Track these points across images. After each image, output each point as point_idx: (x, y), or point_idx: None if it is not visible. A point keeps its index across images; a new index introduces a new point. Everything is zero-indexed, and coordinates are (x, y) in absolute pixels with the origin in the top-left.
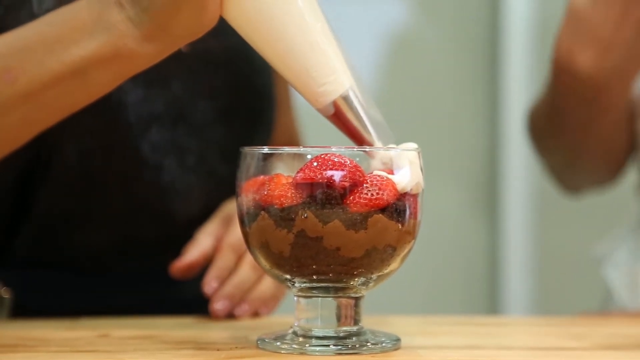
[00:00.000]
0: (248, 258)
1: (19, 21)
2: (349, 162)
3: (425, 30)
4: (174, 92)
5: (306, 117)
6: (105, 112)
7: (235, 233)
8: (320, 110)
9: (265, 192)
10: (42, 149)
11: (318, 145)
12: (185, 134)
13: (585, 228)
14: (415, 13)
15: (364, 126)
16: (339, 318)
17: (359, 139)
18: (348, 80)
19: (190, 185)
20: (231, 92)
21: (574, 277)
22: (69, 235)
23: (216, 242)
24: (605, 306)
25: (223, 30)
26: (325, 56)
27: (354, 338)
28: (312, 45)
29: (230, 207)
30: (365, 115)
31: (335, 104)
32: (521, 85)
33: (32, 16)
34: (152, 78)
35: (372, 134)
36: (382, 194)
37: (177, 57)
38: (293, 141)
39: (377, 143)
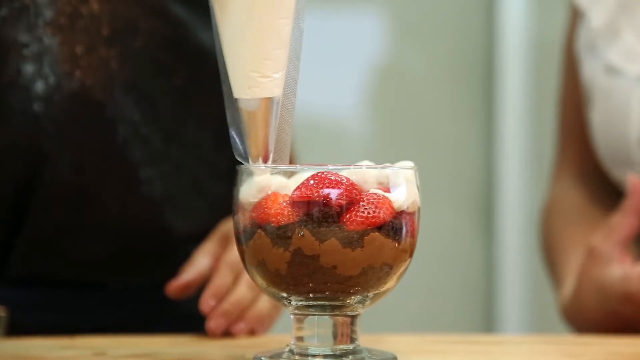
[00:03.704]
0: (245, 277)
1: (17, 32)
2: (345, 180)
3: (423, 50)
4: (166, 110)
5: (300, 134)
6: (99, 126)
7: (233, 252)
8: (243, 102)
9: (262, 210)
10: (36, 162)
11: (314, 164)
12: (179, 151)
13: None
14: (418, 36)
15: (272, 137)
16: (335, 336)
17: (262, 146)
18: (280, 90)
19: (185, 201)
20: (223, 112)
21: None
22: (64, 249)
23: (213, 262)
24: None
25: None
26: (285, 53)
27: (350, 356)
28: (283, 37)
29: (228, 226)
30: (274, 129)
31: (264, 102)
32: (517, 104)
33: (30, 28)
34: (145, 94)
35: (270, 149)
36: (379, 212)
37: (170, 76)
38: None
39: (269, 157)
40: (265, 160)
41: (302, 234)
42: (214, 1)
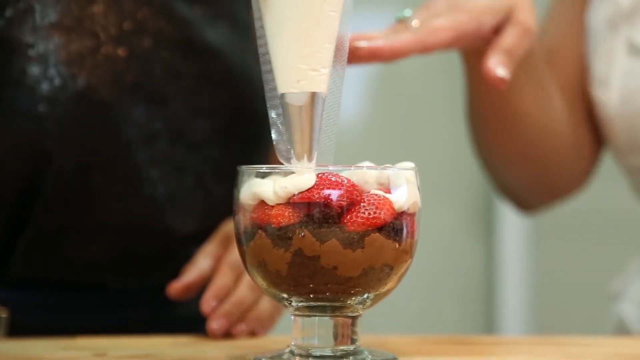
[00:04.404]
0: (246, 278)
1: (22, 33)
2: (346, 181)
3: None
4: (173, 110)
5: None
6: (104, 126)
7: (234, 253)
8: (290, 96)
9: (262, 211)
10: (39, 163)
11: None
12: (183, 152)
13: (580, 247)
14: None
15: (316, 135)
16: (336, 337)
17: (307, 144)
18: (326, 87)
19: (188, 203)
20: (230, 113)
21: (570, 296)
22: (66, 251)
23: (215, 263)
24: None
25: (225, 52)
26: (332, 49)
27: (351, 357)
28: (331, 31)
29: (229, 227)
30: (319, 127)
31: (311, 97)
32: None
33: (35, 28)
34: (152, 95)
35: (314, 147)
36: (379, 213)
37: (177, 76)
38: None
39: (314, 155)
40: (310, 159)
41: (302, 234)
42: None
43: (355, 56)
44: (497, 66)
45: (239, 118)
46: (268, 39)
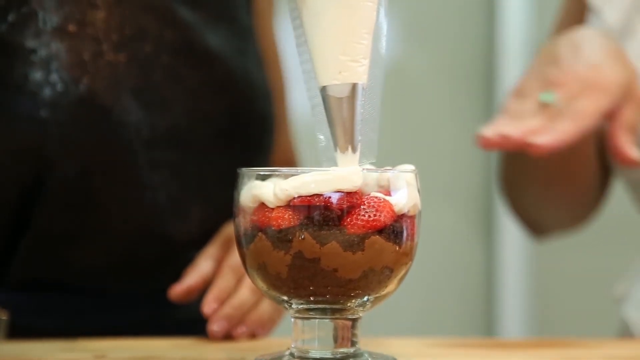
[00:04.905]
0: (247, 280)
1: (25, 38)
2: None
3: (423, 54)
4: (175, 114)
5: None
6: (105, 131)
7: (236, 255)
8: (333, 88)
9: (263, 214)
10: (40, 166)
11: (315, 167)
12: (185, 156)
13: (581, 248)
14: (418, 38)
15: (358, 127)
16: (336, 339)
17: (350, 135)
18: (366, 78)
19: (188, 207)
20: (232, 116)
21: (570, 297)
22: (66, 255)
23: (216, 265)
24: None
25: (226, 56)
26: (371, 39)
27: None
28: (370, 20)
29: (230, 230)
30: (360, 119)
31: (354, 87)
32: None
33: (38, 33)
34: (153, 99)
35: (357, 138)
36: (380, 216)
37: (178, 81)
38: (291, 162)
39: (357, 147)
40: (354, 150)
41: (302, 237)
42: None
43: (533, 151)
44: (627, 145)
45: (240, 122)
46: (306, 31)
